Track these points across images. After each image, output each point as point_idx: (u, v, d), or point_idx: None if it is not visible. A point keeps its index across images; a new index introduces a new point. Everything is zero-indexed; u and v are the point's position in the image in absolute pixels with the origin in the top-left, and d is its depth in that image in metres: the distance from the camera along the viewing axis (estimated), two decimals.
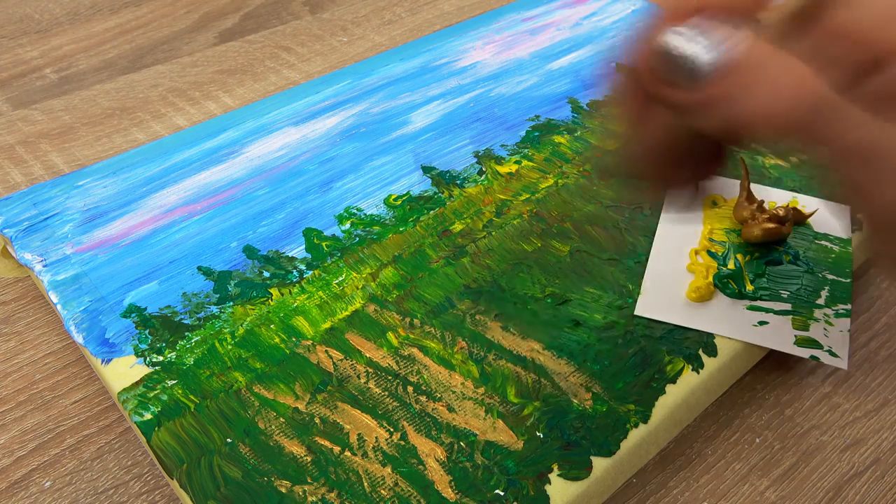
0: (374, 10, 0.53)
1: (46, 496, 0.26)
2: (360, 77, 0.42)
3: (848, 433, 0.29)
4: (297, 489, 0.24)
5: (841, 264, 0.32)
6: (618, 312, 0.30)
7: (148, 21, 0.51)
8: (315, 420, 0.26)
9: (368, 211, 0.34)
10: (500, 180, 0.36)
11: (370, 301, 0.30)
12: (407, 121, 0.39)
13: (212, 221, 0.33)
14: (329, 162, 0.36)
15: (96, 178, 0.35)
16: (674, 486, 0.27)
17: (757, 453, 0.28)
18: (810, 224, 0.33)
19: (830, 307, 0.30)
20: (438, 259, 0.32)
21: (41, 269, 0.31)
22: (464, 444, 0.25)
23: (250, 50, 0.49)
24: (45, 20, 0.51)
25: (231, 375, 0.27)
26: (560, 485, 0.24)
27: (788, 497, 0.27)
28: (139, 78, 0.46)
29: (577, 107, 0.40)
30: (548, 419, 0.26)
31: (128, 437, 0.28)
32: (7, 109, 0.43)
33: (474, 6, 0.53)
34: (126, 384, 0.27)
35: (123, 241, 0.32)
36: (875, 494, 0.27)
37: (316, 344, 0.28)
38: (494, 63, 0.43)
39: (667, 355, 0.28)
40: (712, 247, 0.32)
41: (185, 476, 0.24)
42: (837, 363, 0.28)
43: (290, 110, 0.39)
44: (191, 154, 0.37)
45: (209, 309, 0.29)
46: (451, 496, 0.24)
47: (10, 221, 0.33)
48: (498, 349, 0.28)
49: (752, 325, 0.29)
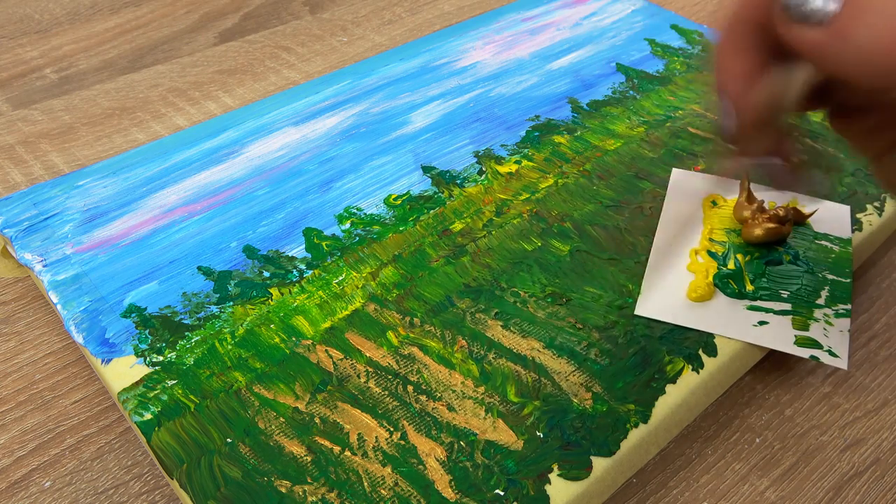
0: (374, 10, 0.53)
1: (46, 496, 0.26)
2: (360, 77, 0.42)
3: (848, 433, 0.29)
4: (297, 489, 0.24)
5: (841, 264, 0.32)
6: (618, 312, 0.30)
7: (148, 21, 0.51)
8: (315, 420, 0.26)
9: (368, 210, 0.34)
10: (500, 180, 0.36)
11: (370, 300, 0.30)
12: (407, 121, 0.39)
13: (212, 221, 0.33)
14: (329, 162, 0.36)
15: (96, 178, 0.35)
16: (674, 486, 0.27)
17: (757, 453, 0.28)
18: (810, 224, 0.33)
19: (830, 307, 0.30)
20: (438, 258, 0.32)
21: (41, 269, 0.31)
22: (464, 443, 0.25)
23: (250, 50, 0.49)
24: (45, 20, 0.51)
25: (231, 375, 0.27)
26: (560, 485, 0.24)
27: (788, 497, 0.27)
28: (139, 78, 0.46)
29: (577, 107, 0.40)
30: (548, 419, 0.26)
31: (128, 437, 0.28)
32: (7, 109, 0.43)
33: (474, 6, 0.53)
34: (126, 384, 0.27)
35: (123, 241, 0.32)
36: (875, 494, 0.27)
37: (316, 343, 0.28)
38: (494, 63, 0.43)
39: (667, 355, 0.28)
40: (712, 247, 0.32)
41: (185, 476, 0.24)
42: (837, 363, 0.28)
43: (290, 110, 0.39)
44: (191, 154, 0.37)
45: (209, 309, 0.29)
46: (451, 496, 0.24)
47: (10, 221, 0.33)
48: (498, 348, 0.28)
49: (752, 325, 0.29)
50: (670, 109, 0.40)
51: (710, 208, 0.34)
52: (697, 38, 0.46)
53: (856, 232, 0.33)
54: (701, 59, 0.43)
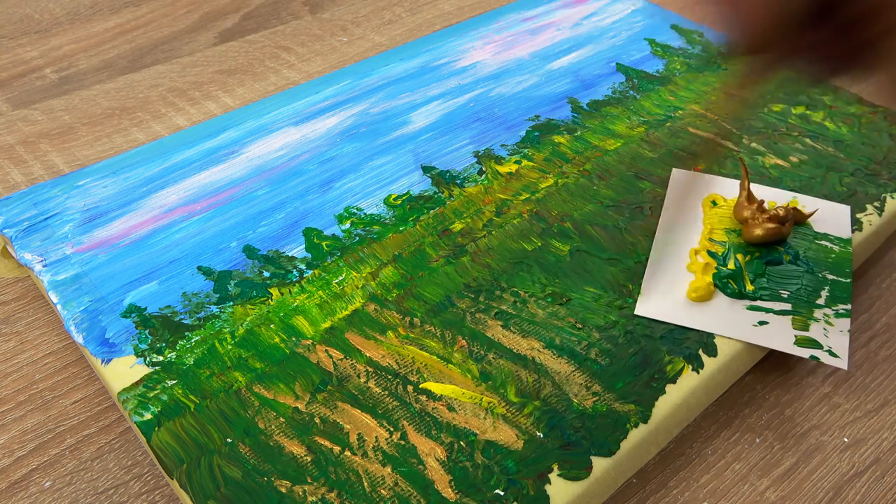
0: (374, 10, 0.53)
1: (46, 496, 0.26)
2: (360, 77, 0.42)
3: (848, 433, 0.29)
4: (297, 489, 0.24)
5: (841, 264, 0.32)
6: (618, 312, 0.30)
7: (148, 21, 0.51)
8: (315, 420, 0.26)
9: (368, 210, 0.34)
10: (500, 180, 0.36)
11: (370, 300, 0.30)
12: (407, 121, 0.39)
13: (212, 221, 0.33)
14: (329, 162, 0.36)
15: (96, 178, 0.35)
16: (674, 486, 0.27)
17: (757, 453, 0.28)
18: (810, 224, 0.33)
19: (830, 307, 0.30)
20: (438, 258, 0.32)
21: (41, 269, 0.31)
22: (464, 443, 0.25)
23: (250, 50, 0.49)
24: (45, 20, 0.51)
25: (231, 375, 0.27)
26: (560, 485, 0.24)
27: (788, 497, 0.27)
28: (139, 78, 0.46)
29: (577, 107, 0.40)
30: (548, 419, 0.26)
31: (128, 437, 0.28)
32: (7, 109, 0.43)
33: (474, 6, 0.53)
34: (126, 384, 0.27)
35: (123, 241, 0.32)
36: (875, 494, 0.27)
37: (316, 343, 0.28)
38: (494, 63, 0.43)
39: (667, 355, 0.28)
40: (712, 247, 0.32)
41: (185, 476, 0.24)
42: (837, 363, 0.28)
43: (290, 110, 0.39)
44: (191, 154, 0.37)
45: (209, 309, 0.29)
46: (451, 496, 0.24)
47: (10, 221, 0.33)
48: (498, 348, 0.28)
49: (752, 325, 0.29)
50: (670, 109, 0.40)
51: (710, 208, 0.34)
52: (697, 38, 0.46)
53: (856, 232, 0.33)
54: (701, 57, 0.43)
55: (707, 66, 0.44)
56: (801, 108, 0.40)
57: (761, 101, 0.37)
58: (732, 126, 0.29)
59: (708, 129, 0.39)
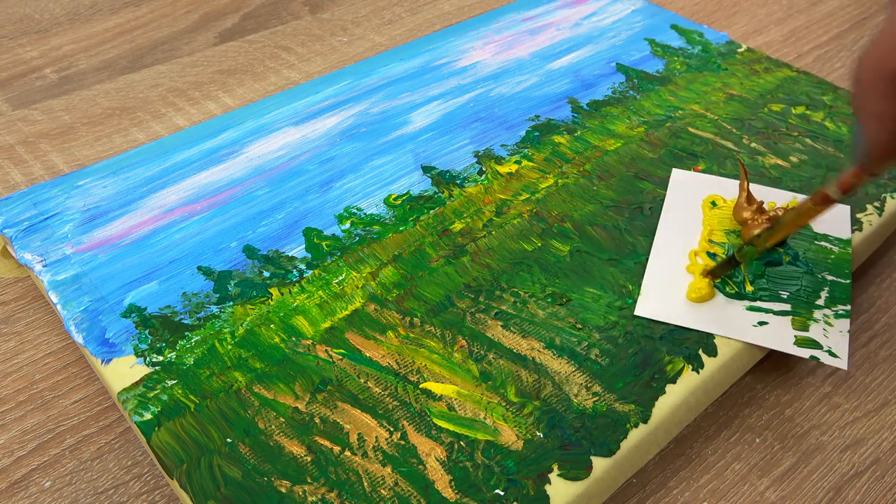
0: (374, 10, 0.53)
1: (46, 496, 0.26)
2: (360, 77, 0.42)
3: (848, 433, 0.29)
4: (297, 489, 0.24)
5: (840, 265, 0.32)
6: (618, 312, 0.30)
7: (148, 21, 0.51)
8: (315, 420, 0.26)
9: (368, 210, 0.34)
10: (500, 180, 0.36)
11: (370, 300, 0.30)
12: (407, 121, 0.39)
13: (212, 221, 0.33)
14: (329, 162, 0.36)
15: (96, 178, 0.35)
16: (674, 486, 0.27)
17: (757, 453, 0.28)
18: (810, 224, 0.33)
19: (830, 308, 0.30)
20: (438, 258, 0.32)
21: (41, 269, 0.31)
22: (464, 443, 0.25)
23: (250, 50, 0.49)
24: (45, 20, 0.51)
25: (231, 375, 0.27)
26: (560, 485, 0.24)
27: (788, 497, 0.27)
28: (139, 78, 0.46)
29: (577, 107, 0.40)
30: (548, 419, 0.26)
31: (128, 437, 0.28)
32: (7, 109, 0.43)
33: (474, 6, 0.53)
34: (126, 384, 0.27)
35: (123, 241, 0.32)
36: (875, 494, 0.27)
37: (316, 343, 0.28)
38: (494, 63, 0.43)
39: (667, 355, 0.28)
40: (712, 248, 0.32)
41: (185, 476, 0.24)
42: (837, 363, 0.28)
43: (290, 110, 0.39)
44: (191, 154, 0.37)
45: (209, 309, 0.29)
46: (451, 496, 0.24)
47: (10, 221, 0.33)
48: (498, 348, 0.28)
49: (752, 326, 0.29)
50: (670, 109, 0.40)
51: (709, 209, 0.34)
52: (697, 38, 0.46)
53: (856, 232, 0.33)
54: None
55: (707, 65, 0.44)
56: (801, 108, 0.40)
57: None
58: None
59: (708, 129, 0.39)
